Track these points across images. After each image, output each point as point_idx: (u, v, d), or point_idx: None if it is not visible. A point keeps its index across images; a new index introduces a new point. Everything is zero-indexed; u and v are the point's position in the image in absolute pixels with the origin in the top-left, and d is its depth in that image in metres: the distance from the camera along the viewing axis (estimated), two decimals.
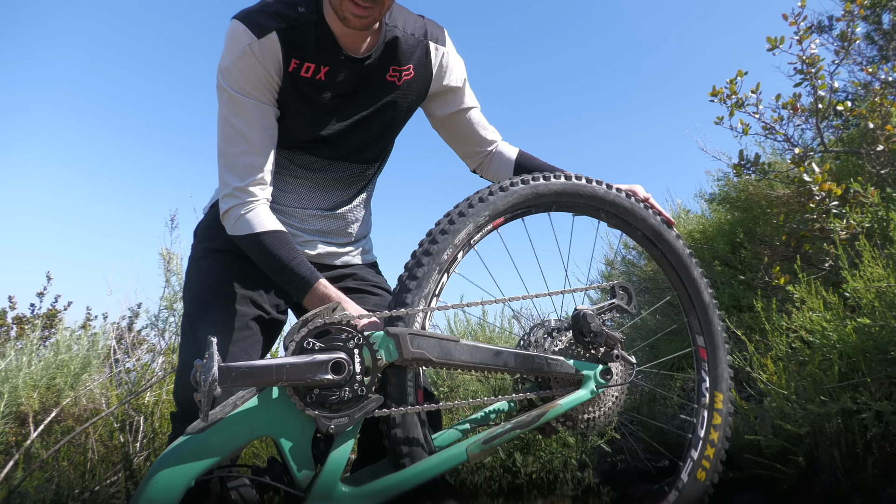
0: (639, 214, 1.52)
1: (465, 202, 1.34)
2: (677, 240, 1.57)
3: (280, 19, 1.39)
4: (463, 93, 1.65)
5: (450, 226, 1.29)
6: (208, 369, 0.94)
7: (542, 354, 1.27)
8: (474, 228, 1.31)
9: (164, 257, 2.87)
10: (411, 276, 1.23)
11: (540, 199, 1.40)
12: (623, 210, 1.50)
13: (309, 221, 1.60)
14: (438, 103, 1.65)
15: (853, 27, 2.88)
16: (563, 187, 1.42)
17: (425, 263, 1.24)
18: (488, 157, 1.73)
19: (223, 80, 1.40)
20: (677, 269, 1.57)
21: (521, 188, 1.37)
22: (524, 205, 1.39)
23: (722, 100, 2.83)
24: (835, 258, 2.38)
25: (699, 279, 1.57)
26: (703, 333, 1.57)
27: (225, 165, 1.41)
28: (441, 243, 1.26)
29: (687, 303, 1.59)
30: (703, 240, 3.41)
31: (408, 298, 1.21)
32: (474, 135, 1.69)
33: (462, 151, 1.75)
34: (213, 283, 1.44)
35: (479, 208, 1.32)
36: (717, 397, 1.52)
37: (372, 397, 1.10)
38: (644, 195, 1.57)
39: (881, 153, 2.61)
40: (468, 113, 1.67)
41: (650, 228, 1.53)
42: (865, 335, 1.87)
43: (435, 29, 1.58)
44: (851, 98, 4.14)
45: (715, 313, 1.58)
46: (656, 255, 1.59)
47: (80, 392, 2.25)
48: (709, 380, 1.54)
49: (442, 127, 1.71)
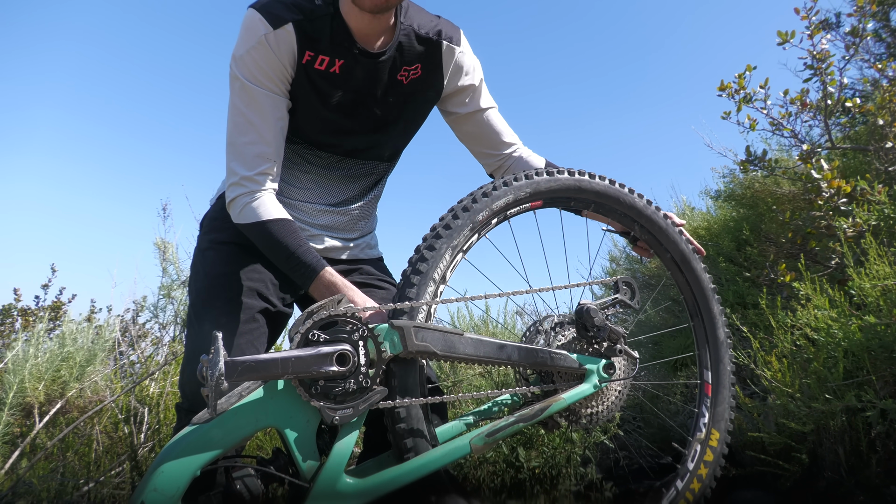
0: (672, 237, 1.51)
1: (511, 176, 1.34)
2: (704, 272, 1.56)
3: (296, 11, 1.39)
4: (479, 93, 1.64)
5: (493, 191, 1.29)
6: (214, 364, 0.95)
7: (546, 348, 1.27)
8: (514, 200, 1.32)
9: (160, 247, 2.87)
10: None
11: (581, 193, 1.41)
12: (657, 229, 1.50)
13: (316, 216, 1.60)
14: (453, 103, 1.64)
15: (864, 23, 2.86)
16: (605, 189, 1.42)
17: (460, 217, 1.25)
18: (508, 161, 1.71)
19: (237, 69, 1.40)
20: (698, 300, 1.56)
21: (567, 178, 1.38)
22: (566, 194, 1.39)
23: (730, 94, 2.81)
24: (841, 256, 2.37)
25: (718, 315, 1.56)
26: (712, 370, 1.55)
27: (233, 154, 1.42)
28: (480, 203, 1.28)
29: (701, 335, 1.57)
30: (709, 237, 3.40)
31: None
32: (491, 136, 1.68)
33: (477, 152, 1.73)
34: (219, 274, 1.44)
35: (522, 185, 1.32)
36: (714, 435, 1.49)
37: (376, 389, 1.10)
38: (680, 221, 1.56)
39: (889, 150, 2.59)
40: (484, 114, 1.66)
41: (680, 253, 1.53)
42: (871, 333, 1.86)
43: (450, 28, 1.56)
44: (860, 95, 4.11)
45: (727, 352, 1.56)
46: (681, 281, 1.57)
47: (85, 384, 2.26)
48: (709, 416, 1.51)
49: (457, 127, 1.70)
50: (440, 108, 1.67)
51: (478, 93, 1.64)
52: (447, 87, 1.60)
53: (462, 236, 1.26)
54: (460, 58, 1.57)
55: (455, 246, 1.26)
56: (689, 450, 1.48)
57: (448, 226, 1.26)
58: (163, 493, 0.97)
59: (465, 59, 1.59)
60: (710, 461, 1.47)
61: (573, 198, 1.42)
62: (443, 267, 1.23)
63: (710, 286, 1.56)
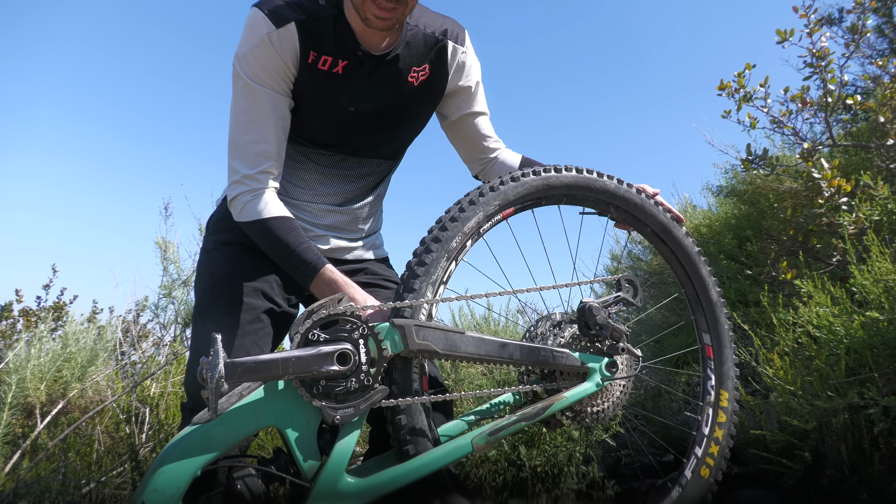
0: (649, 211, 1.51)
1: (476, 191, 1.34)
2: (686, 237, 1.57)
3: (300, 10, 1.39)
4: (475, 95, 1.65)
5: (460, 213, 1.29)
6: (214, 366, 0.94)
7: (548, 347, 1.27)
8: (484, 217, 1.30)
9: (161, 246, 2.87)
10: (420, 262, 1.23)
11: (550, 190, 1.40)
12: (633, 206, 1.50)
13: (321, 216, 1.60)
14: (450, 103, 1.65)
15: (864, 20, 2.86)
16: (574, 180, 1.42)
17: (434, 250, 1.24)
18: (490, 164, 1.73)
19: (239, 68, 1.40)
20: (685, 267, 1.57)
21: (532, 179, 1.37)
22: (535, 196, 1.39)
23: (730, 94, 2.80)
24: (842, 253, 2.36)
25: (707, 277, 1.57)
26: (710, 331, 1.57)
27: (235, 153, 1.42)
28: (451, 230, 1.26)
29: (694, 300, 1.59)
30: (710, 234, 3.39)
31: (415, 285, 1.20)
32: (479, 140, 1.69)
33: (466, 156, 1.75)
34: (223, 274, 1.44)
35: (490, 197, 1.32)
36: (723, 395, 1.51)
37: (378, 388, 1.09)
38: (653, 191, 1.57)
39: (891, 147, 2.59)
40: (477, 118, 1.67)
41: (659, 225, 1.53)
42: (873, 330, 1.85)
43: (455, 28, 1.57)
44: (861, 92, 4.10)
45: (722, 311, 1.57)
46: (665, 251, 1.58)
47: (86, 384, 2.26)
48: (714, 378, 1.54)
49: (450, 129, 1.71)
50: (436, 109, 1.67)
51: (474, 95, 1.64)
52: (449, 87, 1.60)
53: (440, 268, 1.25)
54: (463, 58, 1.57)
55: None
56: (701, 415, 1.50)
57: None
58: (163, 494, 0.97)
59: (467, 59, 1.59)
60: (723, 422, 1.50)
61: (544, 196, 1.41)
62: (440, 272, 1.23)
63: (694, 250, 1.57)
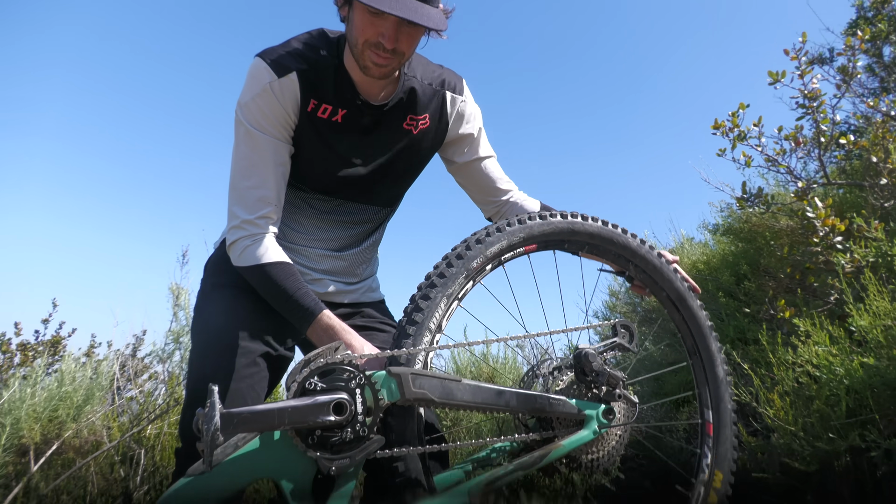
0: (666, 275, 1.52)
1: (504, 222, 1.35)
2: (700, 309, 1.56)
3: (301, 60, 1.43)
4: (478, 142, 1.68)
5: (486, 237, 1.30)
6: (210, 418, 0.94)
7: (544, 394, 1.27)
8: (507, 246, 1.32)
9: (174, 292, 2.88)
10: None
11: (575, 235, 1.42)
12: (652, 268, 1.51)
13: (318, 260, 1.62)
14: (454, 151, 1.68)
15: (854, 62, 2.92)
16: (599, 231, 1.44)
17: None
18: (505, 206, 1.74)
19: (241, 115, 1.43)
20: (696, 338, 1.56)
21: (560, 221, 1.40)
22: (558, 237, 1.41)
23: (724, 133, 2.85)
24: (839, 292, 2.37)
25: (716, 353, 1.55)
26: (713, 409, 1.53)
27: (236, 198, 1.44)
28: (473, 251, 1.28)
29: (701, 374, 1.56)
30: (708, 271, 3.40)
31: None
32: (489, 183, 1.71)
33: (476, 198, 1.77)
34: (220, 318, 1.45)
35: (517, 229, 1.34)
36: (717, 476, 1.47)
37: (373, 438, 1.09)
38: (672, 258, 1.58)
39: (885, 186, 2.62)
40: (483, 162, 1.69)
41: (675, 292, 1.53)
42: (872, 370, 1.85)
43: (453, 78, 1.61)
44: (853, 130, 4.16)
45: (727, 391, 1.55)
46: (678, 319, 1.57)
47: (82, 424, 2.24)
48: (711, 456, 1.49)
49: (457, 174, 1.73)
50: (441, 155, 1.71)
51: (477, 141, 1.67)
52: (449, 135, 1.63)
53: (457, 284, 1.26)
54: (462, 107, 1.61)
55: (450, 294, 1.26)
56: (692, 493, 1.46)
57: (442, 274, 1.27)
58: None
59: (466, 108, 1.62)
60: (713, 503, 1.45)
61: (567, 240, 1.43)
62: (438, 316, 1.24)
63: (707, 324, 1.56)
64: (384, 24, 1.32)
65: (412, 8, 1.27)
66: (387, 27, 1.32)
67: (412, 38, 1.38)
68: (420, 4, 1.29)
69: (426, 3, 1.30)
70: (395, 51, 1.35)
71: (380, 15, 1.31)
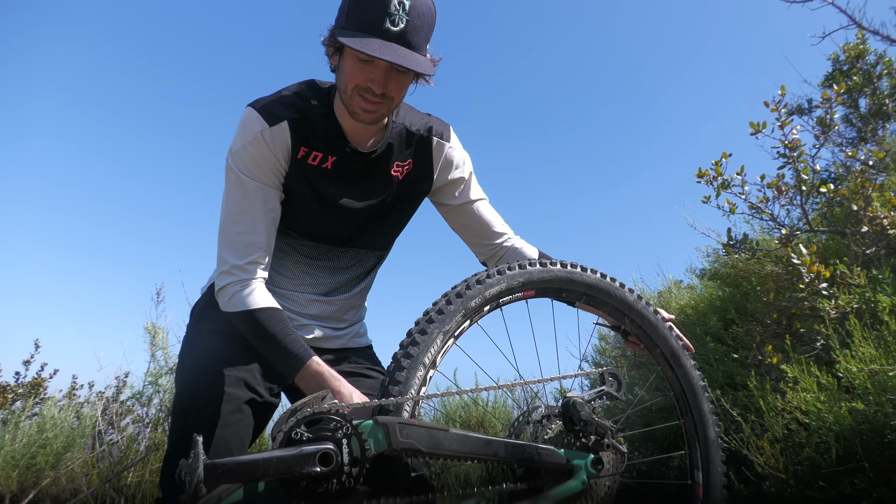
0: (662, 332, 1.53)
1: (504, 266, 1.36)
2: (694, 369, 1.56)
3: (293, 110, 1.46)
4: (468, 186, 1.70)
5: (486, 279, 1.31)
6: (193, 470, 0.93)
7: (533, 444, 1.26)
8: (506, 289, 1.33)
9: (150, 331, 2.82)
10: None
11: (573, 285, 1.43)
12: (648, 324, 1.51)
13: (306, 305, 1.62)
14: (444, 195, 1.70)
15: (831, 113, 3.03)
16: (597, 283, 1.45)
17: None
18: (501, 251, 1.75)
19: (232, 162, 1.45)
20: (688, 397, 1.55)
21: (559, 270, 1.41)
22: (556, 285, 1.41)
23: (708, 181, 2.92)
24: (826, 338, 2.39)
25: (708, 414, 1.54)
26: (703, 470, 1.50)
27: (225, 244, 1.45)
28: (472, 291, 1.29)
29: (692, 434, 1.54)
30: (696, 315, 3.42)
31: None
32: (482, 226, 1.72)
33: (470, 241, 1.78)
34: (205, 364, 1.43)
35: (517, 273, 1.35)
36: None
37: (359, 490, 1.07)
38: (668, 316, 1.59)
39: (866, 234, 2.67)
40: (475, 204, 1.71)
41: (670, 349, 1.54)
42: (861, 417, 1.85)
43: (440, 125, 1.64)
44: (833, 178, 4.27)
45: (718, 452, 1.53)
46: (670, 376, 1.57)
47: (61, 472, 2.18)
48: None
49: (450, 217, 1.75)
50: (432, 200, 1.73)
51: (468, 185, 1.70)
52: (437, 181, 1.66)
53: (454, 322, 1.27)
54: (450, 153, 1.64)
55: (447, 331, 1.27)
56: None
57: (441, 310, 1.28)
58: None
59: (454, 154, 1.66)
60: None
61: (565, 289, 1.44)
62: (433, 352, 1.24)
63: (700, 384, 1.55)
64: (374, 70, 1.36)
65: (401, 54, 1.31)
66: (376, 73, 1.36)
67: (401, 84, 1.42)
68: (409, 52, 1.33)
69: (415, 51, 1.35)
70: (385, 96, 1.39)
71: (370, 61, 1.35)
